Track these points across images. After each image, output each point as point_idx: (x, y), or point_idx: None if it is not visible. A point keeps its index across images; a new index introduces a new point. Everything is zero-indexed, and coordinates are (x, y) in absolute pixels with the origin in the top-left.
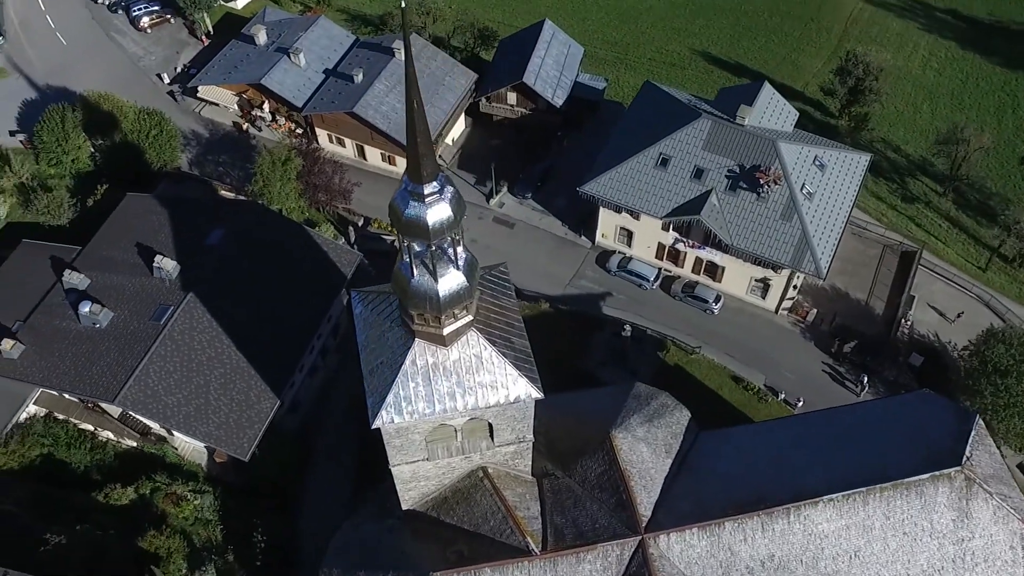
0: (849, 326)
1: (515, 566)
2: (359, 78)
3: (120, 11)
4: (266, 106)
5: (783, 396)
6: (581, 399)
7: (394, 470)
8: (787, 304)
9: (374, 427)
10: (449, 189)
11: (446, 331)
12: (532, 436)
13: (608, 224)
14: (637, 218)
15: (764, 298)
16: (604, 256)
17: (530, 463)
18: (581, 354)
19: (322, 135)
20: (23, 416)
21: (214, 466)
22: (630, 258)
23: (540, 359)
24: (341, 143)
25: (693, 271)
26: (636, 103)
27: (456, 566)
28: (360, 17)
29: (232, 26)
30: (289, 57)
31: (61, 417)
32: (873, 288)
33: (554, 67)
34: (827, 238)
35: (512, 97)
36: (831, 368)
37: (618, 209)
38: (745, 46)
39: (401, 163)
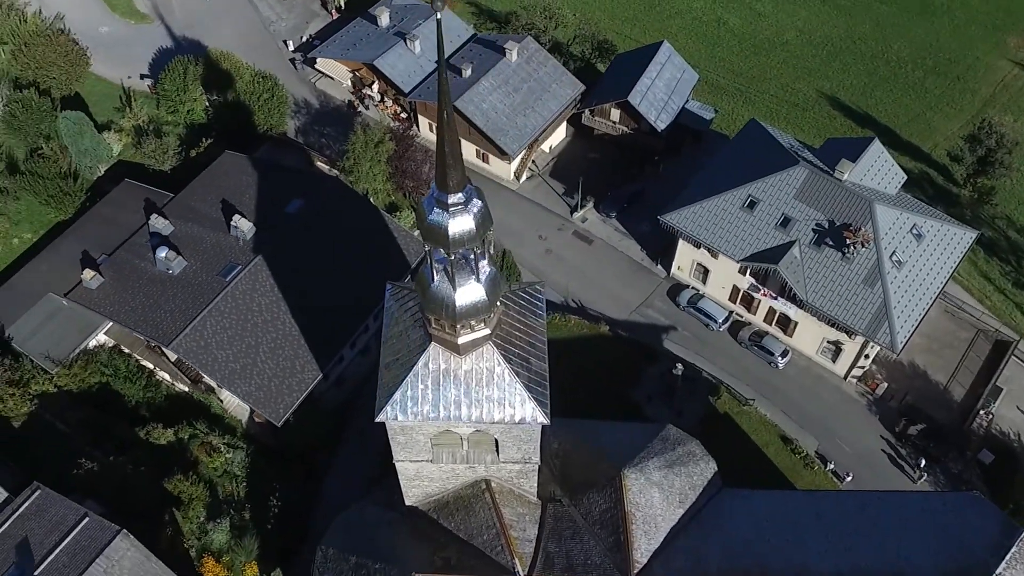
0: (920, 408)
1: None
2: (467, 72)
3: None
4: (376, 86)
5: (832, 467)
6: (607, 430)
7: (398, 465)
8: (857, 372)
9: (377, 420)
10: (476, 203)
11: (461, 340)
12: (538, 459)
13: (685, 258)
14: (715, 257)
15: (834, 361)
16: (676, 289)
17: (535, 485)
18: (630, 384)
19: (424, 123)
20: (92, 343)
21: (253, 425)
22: (702, 296)
23: (584, 381)
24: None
25: (765, 320)
26: (737, 139)
27: (440, 572)
28: (487, 12)
29: (364, 4)
30: (405, 42)
31: (126, 351)
32: (956, 373)
33: (663, 90)
34: (910, 312)
35: (615, 114)
36: (892, 448)
37: (697, 244)
38: (878, 96)
39: (495, 162)
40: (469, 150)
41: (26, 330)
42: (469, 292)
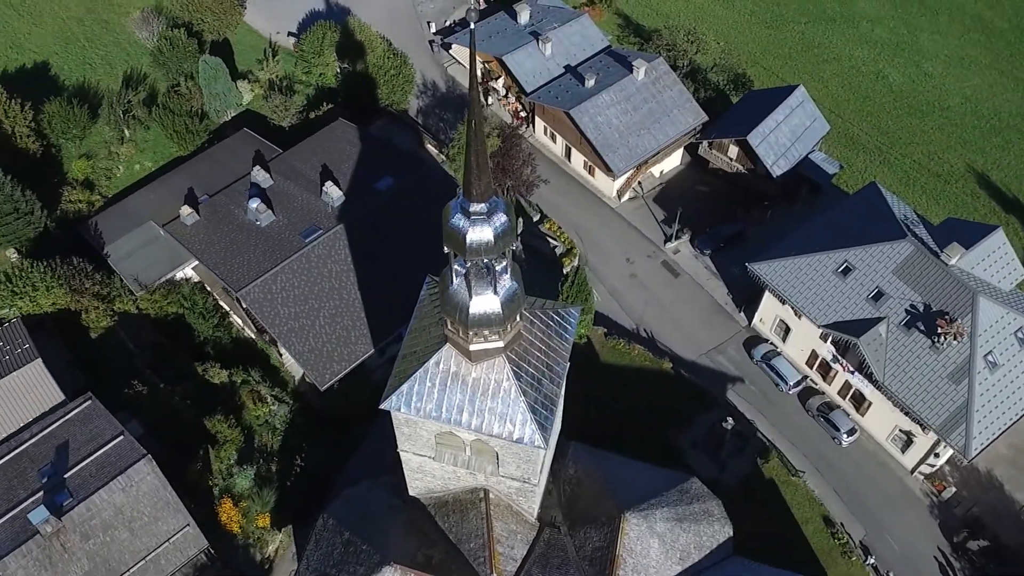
0: (987, 522)
1: None
2: (590, 83)
3: None
4: (501, 81)
5: (872, 561)
6: (629, 467)
7: (402, 455)
8: (926, 469)
9: (381, 407)
10: (499, 216)
11: (472, 348)
12: (539, 481)
13: (769, 311)
14: (799, 316)
15: (903, 452)
16: (754, 341)
17: (535, 506)
18: (678, 427)
19: (540, 125)
20: (179, 275)
21: (303, 384)
22: (778, 353)
23: (631, 414)
24: (553, 139)
25: (839, 393)
26: (851, 199)
27: (418, 568)
28: (633, 26)
29: None
30: (538, 43)
31: (207, 289)
32: None
33: (788, 135)
34: (994, 419)
35: (733, 151)
36: (944, 557)
37: (782, 300)
38: None
39: (600, 177)
40: (577, 161)
41: (123, 251)
42: (484, 302)
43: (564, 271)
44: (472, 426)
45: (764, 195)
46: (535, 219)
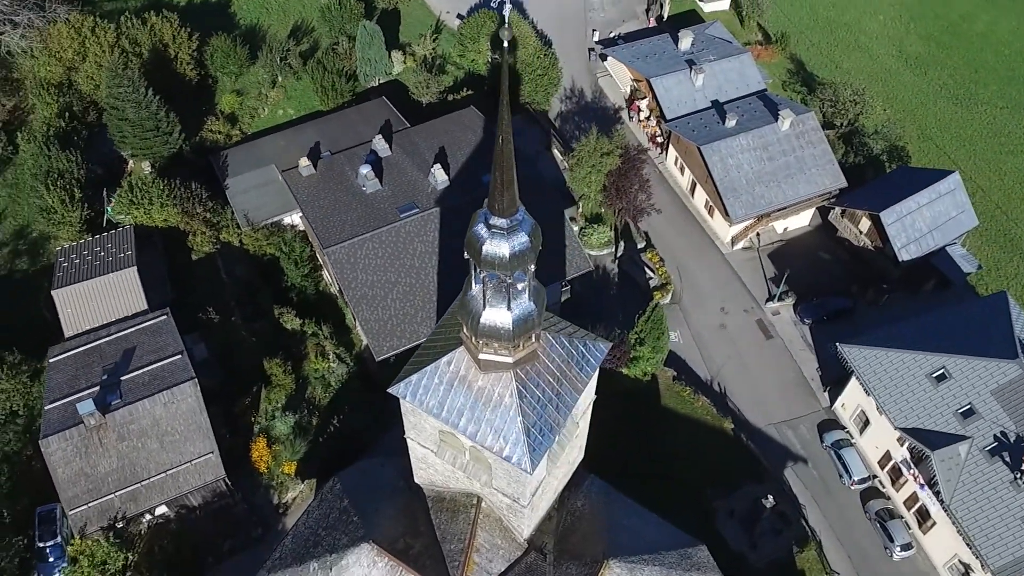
0: None
1: None
2: (730, 123)
3: None
4: (646, 103)
5: None
6: (639, 516)
7: (408, 441)
8: None
9: (389, 391)
10: (520, 236)
11: (481, 357)
12: (527, 503)
13: (852, 399)
14: (880, 412)
15: None
16: (829, 425)
17: (524, 527)
18: (719, 491)
19: (672, 154)
20: (285, 220)
21: (367, 350)
22: (851, 444)
23: (673, 464)
24: (682, 171)
25: (905, 503)
26: (974, 303)
27: (394, 554)
28: (803, 74)
29: (686, 22)
30: (690, 71)
31: (308, 239)
32: None
33: (927, 221)
34: None
35: (865, 224)
36: None
37: (867, 390)
38: None
39: (718, 219)
40: (700, 198)
41: (241, 187)
42: (496, 315)
43: (650, 304)
44: (468, 432)
45: (886, 277)
46: (639, 246)
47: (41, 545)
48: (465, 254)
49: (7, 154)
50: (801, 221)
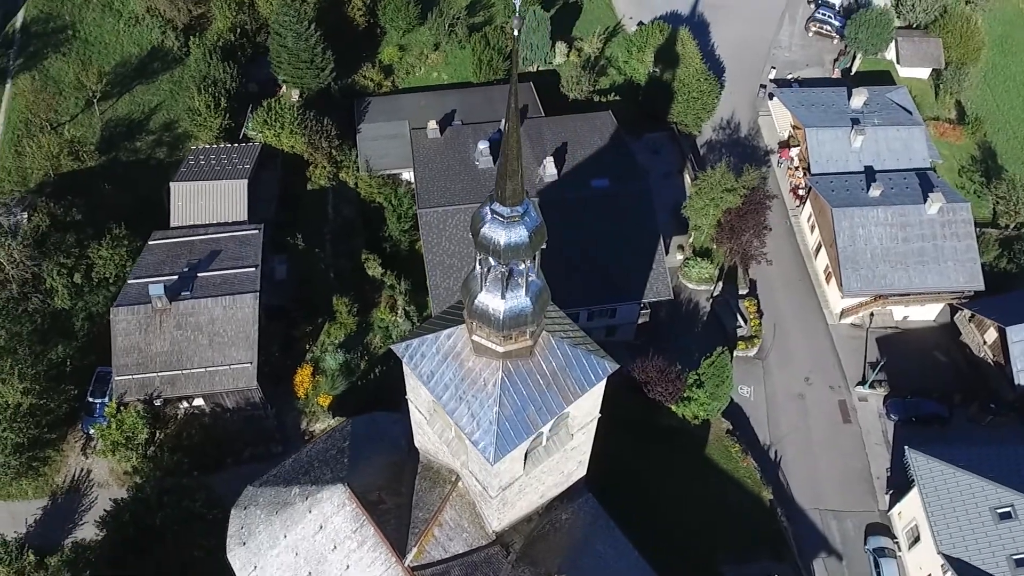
0: None
1: (381, 552)
2: (875, 192)
3: (811, 3)
4: (797, 151)
5: None
6: (618, 549)
7: (409, 404)
8: None
9: (391, 347)
10: (518, 228)
11: (474, 338)
12: (496, 495)
13: (910, 509)
14: (930, 531)
15: None
16: (877, 528)
17: (495, 519)
18: (733, 557)
19: (807, 210)
20: (403, 175)
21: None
22: (894, 556)
23: (695, 518)
24: (812, 229)
25: None
26: None
27: (364, 503)
28: (988, 163)
29: (874, 82)
30: (851, 130)
31: None
32: None
33: None
34: None
35: (991, 335)
36: None
37: (924, 504)
38: None
39: (832, 288)
40: (821, 262)
41: (371, 134)
42: (489, 300)
43: (721, 349)
44: (448, 407)
45: (997, 397)
46: (740, 291)
47: (91, 400)
48: (470, 232)
49: (180, 54)
50: (926, 314)
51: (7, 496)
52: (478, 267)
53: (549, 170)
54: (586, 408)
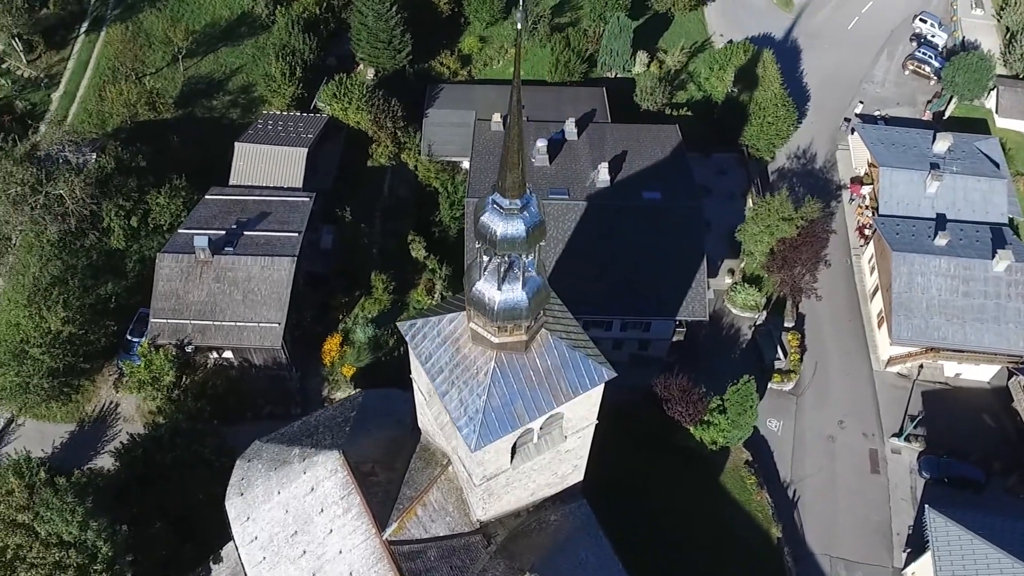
0: None
1: (363, 522)
2: (941, 242)
3: (914, 41)
4: (869, 190)
5: None
6: (602, 557)
7: (413, 383)
8: None
9: (396, 322)
10: (515, 222)
11: (471, 325)
12: (480, 484)
13: (923, 570)
14: None
15: None
16: None
17: (479, 509)
18: None
19: (870, 250)
20: (463, 164)
21: None
22: None
23: (692, 542)
24: (871, 271)
25: None
26: None
27: (355, 473)
28: None
29: (967, 129)
30: (926, 175)
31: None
32: None
33: None
34: None
35: None
36: None
37: (935, 567)
38: None
39: (883, 334)
40: (875, 306)
41: (437, 120)
42: (486, 289)
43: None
44: (440, 389)
45: None
46: (785, 323)
47: (129, 339)
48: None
49: (267, 22)
50: (979, 374)
51: (38, 416)
52: (481, 255)
53: (602, 175)
54: (581, 412)
